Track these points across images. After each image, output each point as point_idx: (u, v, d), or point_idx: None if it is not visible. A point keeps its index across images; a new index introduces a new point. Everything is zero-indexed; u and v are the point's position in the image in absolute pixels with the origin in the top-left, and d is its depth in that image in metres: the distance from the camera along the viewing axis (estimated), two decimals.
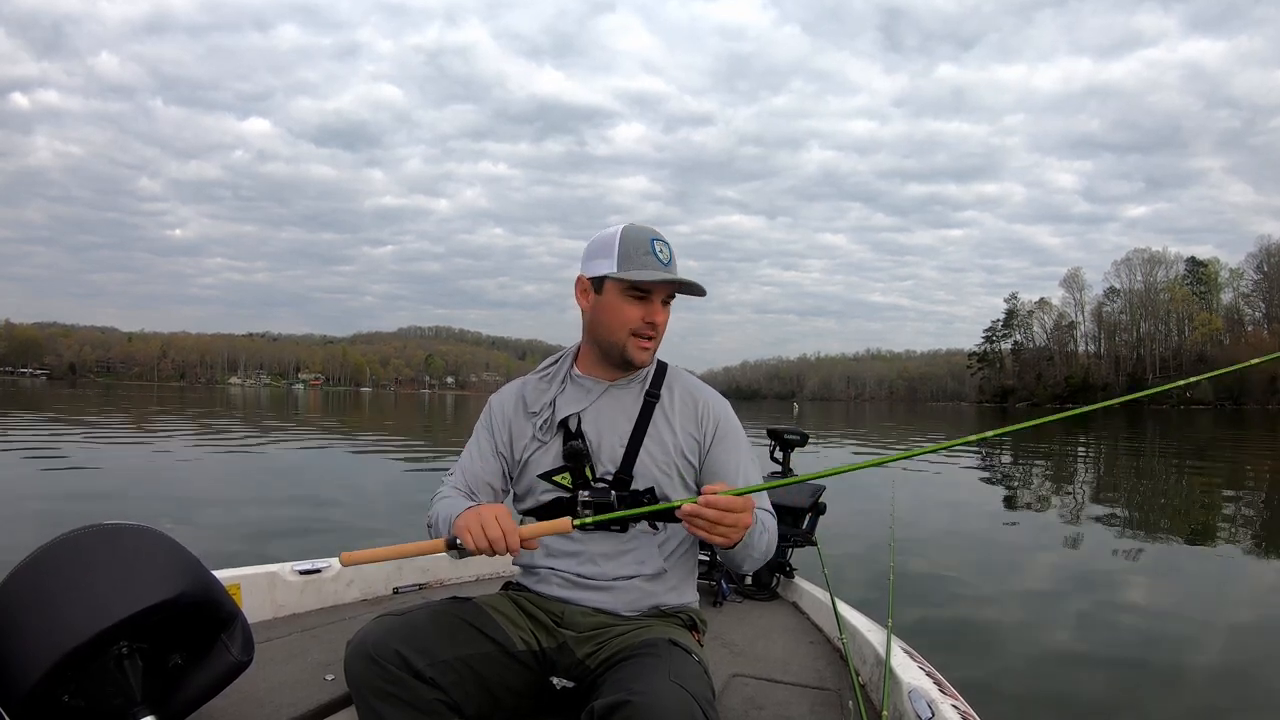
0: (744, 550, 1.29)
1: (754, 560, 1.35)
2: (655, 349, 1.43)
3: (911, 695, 1.47)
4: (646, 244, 1.37)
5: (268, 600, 1.98)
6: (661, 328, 1.42)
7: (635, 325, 1.39)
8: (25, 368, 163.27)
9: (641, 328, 1.39)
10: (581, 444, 1.41)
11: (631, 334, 1.39)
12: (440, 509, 1.39)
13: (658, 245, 1.38)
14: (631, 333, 1.39)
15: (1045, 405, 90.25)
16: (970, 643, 3.63)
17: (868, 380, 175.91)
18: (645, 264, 1.36)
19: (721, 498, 1.15)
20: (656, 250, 1.37)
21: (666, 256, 1.38)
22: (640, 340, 1.40)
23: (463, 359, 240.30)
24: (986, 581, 4.85)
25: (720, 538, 1.17)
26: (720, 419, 1.46)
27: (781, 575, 2.54)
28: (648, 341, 1.41)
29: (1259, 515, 8.09)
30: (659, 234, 1.40)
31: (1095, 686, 3.12)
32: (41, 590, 1.16)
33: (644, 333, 1.39)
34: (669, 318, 1.44)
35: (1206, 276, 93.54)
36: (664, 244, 1.39)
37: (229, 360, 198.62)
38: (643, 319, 1.39)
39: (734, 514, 1.16)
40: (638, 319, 1.39)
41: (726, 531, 1.16)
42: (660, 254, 1.37)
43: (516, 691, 1.29)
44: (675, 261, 1.41)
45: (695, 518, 1.16)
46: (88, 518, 1.29)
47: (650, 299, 1.39)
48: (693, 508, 1.16)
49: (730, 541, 1.19)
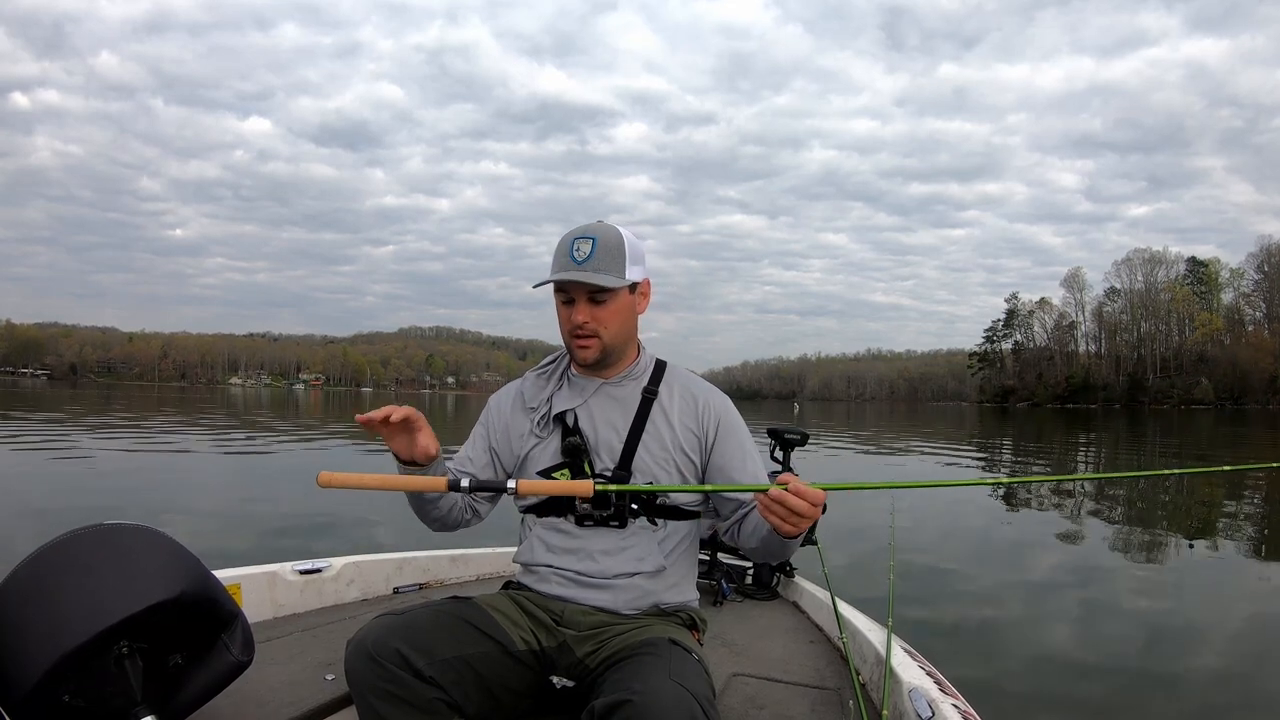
0: (794, 544, 1.30)
1: (785, 556, 1.37)
2: (600, 345, 1.40)
3: (912, 694, 1.47)
4: (567, 246, 1.37)
5: (268, 600, 1.98)
6: (597, 324, 1.38)
7: (568, 327, 1.40)
8: (26, 368, 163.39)
9: (572, 329, 1.40)
10: (579, 439, 1.41)
11: (570, 335, 1.41)
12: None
13: (576, 245, 1.36)
14: (569, 334, 1.41)
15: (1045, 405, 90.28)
16: (971, 642, 3.63)
17: (868, 380, 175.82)
18: (561, 266, 1.37)
19: (811, 490, 1.13)
20: (574, 251, 1.36)
21: (584, 254, 1.35)
22: (577, 340, 1.40)
23: (463, 359, 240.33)
24: (987, 581, 4.85)
25: (792, 526, 1.16)
26: (722, 415, 1.46)
27: (782, 575, 2.55)
28: (583, 340, 1.40)
29: (1260, 515, 8.09)
30: (586, 230, 1.38)
31: (1096, 686, 3.12)
32: (42, 590, 1.16)
33: (575, 334, 1.40)
34: (618, 310, 1.40)
35: (1207, 276, 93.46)
36: (585, 240, 1.36)
37: (230, 360, 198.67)
38: (569, 320, 1.40)
39: (814, 507, 1.14)
40: (567, 320, 1.40)
41: (799, 522, 1.15)
42: (576, 253, 1.35)
43: (517, 691, 1.29)
44: (602, 255, 1.35)
45: (780, 504, 1.13)
46: (88, 517, 1.29)
47: (575, 300, 1.39)
48: (780, 494, 1.13)
49: (798, 531, 1.18)
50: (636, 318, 1.46)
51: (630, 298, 1.43)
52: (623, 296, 1.40)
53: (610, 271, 1.36)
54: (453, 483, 1.21)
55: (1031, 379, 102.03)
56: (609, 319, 1.39)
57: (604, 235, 1.37)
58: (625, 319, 1.42)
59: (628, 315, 1.43)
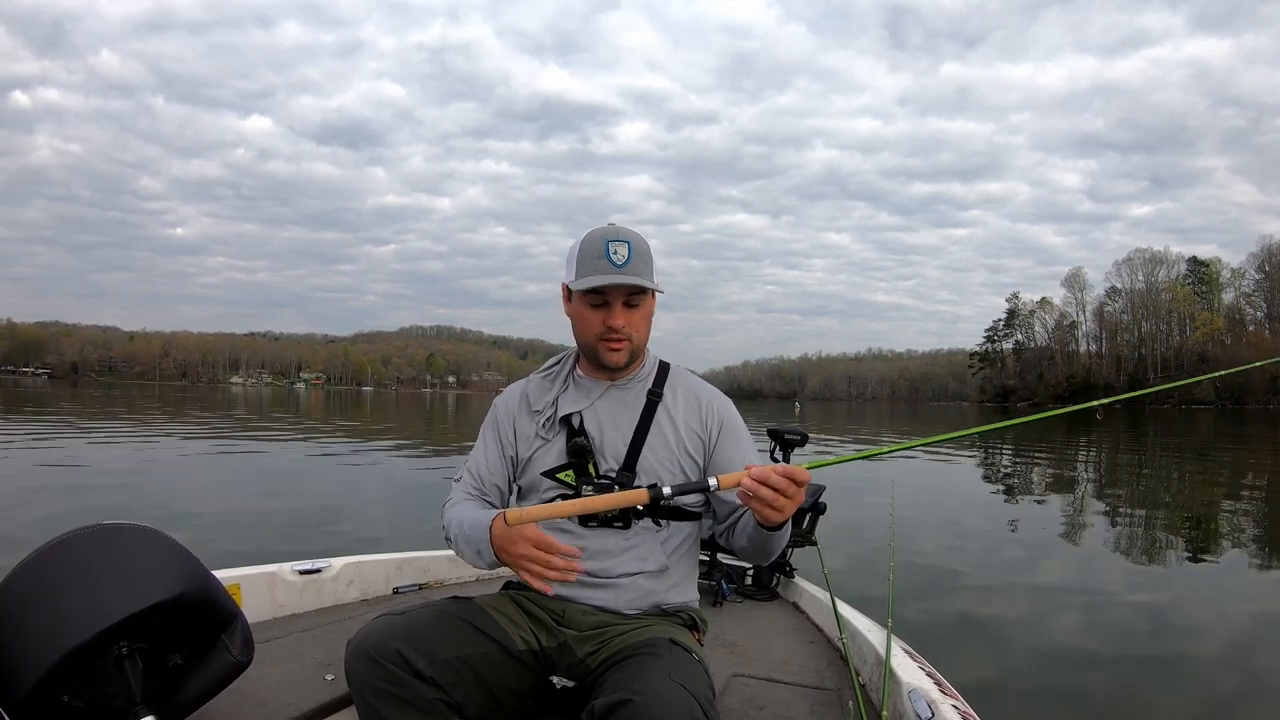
0: (780, 537, 1.30)
1: (779, 547, 1.36)
2: (630, 349, 1.41)
3: (912, 695, 1.47)
4: (601, 247, 1.35)
5: (268, 600, 1.98)
6: (631, 328, 1.39)
7: (598, 330, 1.39)
8: (27, 367, 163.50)
9: (604, 332, 1.39)
10: (585, 441, 1.41)
11: (599, 339, 1.40)
12: (455, 516, 1.38)
13: (613, 247, 1.35)
14: (598, 337, 1.40)
15: (1046, 405, 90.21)
16: (971, 642, 3.63)
17: (869, 380, 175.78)
18: (598, 269, 1.35)
19: (785, 466, 1.14)
20: (611, 253, 1.34)
21: (622, 257, 1.34)
22: (608, 344, 1.40)
23: (464, 359, 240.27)
24: (987, 581, 4.85)
25: (776, 511, 1.15)
26: (724, 416, 1.47)
27: (781, 575, 2.55)
28: (616, 344, 1.40)
29: (1261, 514, 8.08)
30: (619, 234, 1.37)
31: (1096, 686, 3.11)
32: (42, 590, 1.16)
33: (608, 337, 1.39)
34: (647, 314, 1.42)
35: (1208, 276, 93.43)
36: (621, 243, 1.35)
37: (231, 360, 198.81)
38: (603, 323, 1.38)
39: (796, 486, 1.14)
40: (600, 324, 1.39)
41: (785, 505, 1.14)
42: (615, 256, 1.34)
43: (517, 691, 1.29)
44: (638, 260, 1.36)
45: (763, 485, 1.13)
46: (88, 517, 1.29)
47: (609, 303, 1.38)
48: (762, 472, 1.13)
49: (783, 517, 1.18)
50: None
51: (653, 302, 1.45)
52: (650, 300, 1.43)
53: (645, 275, 1.37)
54: (656, 493, 1.15)
55: (1032, 379, 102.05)
56: (640, 322, 1.41)
57: (635, 240, 1.37)
58: (649, 323, 1.45)
59: (651, 319, 1.45)
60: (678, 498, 1.40)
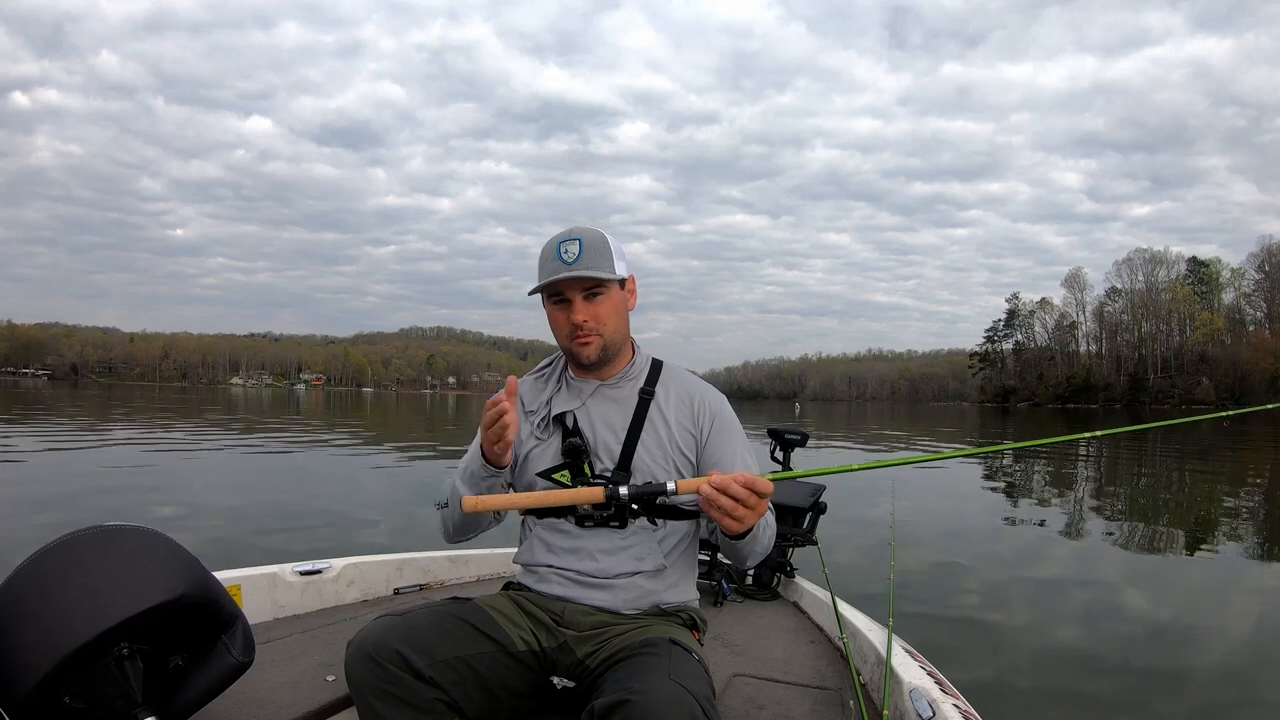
0: (750, 543, 1.29)
1: (755, 555, 1.35)
2: (600, 343, 1.41)
3: (913, 695, 1.47)
4: (554, 249, 1.38)
5: (268, 601, 1.99)
6: (596, 322, 1.40)
7: (567, 330, 1.41)
8: (27, 368, 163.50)
9: (572, 330, 1.40)
10: (579, 440, 1.42)
11: (569, 338, 1.42)
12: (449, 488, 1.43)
13: (564, 246, 1.37)
14: (569, 337, 1.42)
15: (1046, 405, 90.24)
16: (972, 642, 3.62)
17: (869, 380, 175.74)
18: (551, 270, 1.37)
19: (748, 475, 1.13)
20: (562, 253, 1.37)
21: (573, 255, 1.36)
22: (578, 340, 1.41)
23: (464, 359, 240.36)
24: (988, 581, 4.84)
25: (735, 521, 1.14)
26: (716, 413, 1.47)
27: (782, 575, 2.55)
28: (583, 338, 1.41)
29: (1262, 514, 8.08)
30: (571, 233, 1.39)
31: (1097, 686, 3.11)
32: (42, 591, 1.16)
33: (575, 334, 1.40)
34: (615, 305, 1.42)
35: (1208, 276, 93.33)
36: (572, 241, 1.37)
37: (231, 361, 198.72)
38: (568, 321, 1.40)
39: (756, 496, 1.13)
40: (567, 323, 1.41)
41: (745, 515, 1.14)
42: (565, 255, 1.37)
43: (517, 691, 1.29)
44: (590, 253, 1.36)
45: (721, 494, 1.12)
46: (89, 518, 1.29)
47: (570, 300, 1.39)
48: (721, 480, 1.12)
49: (745, 526, 1.16)
50: (629, 315, 1.48)
51: (622, 293, 1.45)
52: (616, 291, 1.42)
53: (601, 268, 1.38)
54: (611, 492, 1.15)
55: (1032, 379, 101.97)
56: (606, 315, 1.41)
57: (588, 235, 1.39)
58: (621, 315, 1.44)
59: (622, 311, 1.45)
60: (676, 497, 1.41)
